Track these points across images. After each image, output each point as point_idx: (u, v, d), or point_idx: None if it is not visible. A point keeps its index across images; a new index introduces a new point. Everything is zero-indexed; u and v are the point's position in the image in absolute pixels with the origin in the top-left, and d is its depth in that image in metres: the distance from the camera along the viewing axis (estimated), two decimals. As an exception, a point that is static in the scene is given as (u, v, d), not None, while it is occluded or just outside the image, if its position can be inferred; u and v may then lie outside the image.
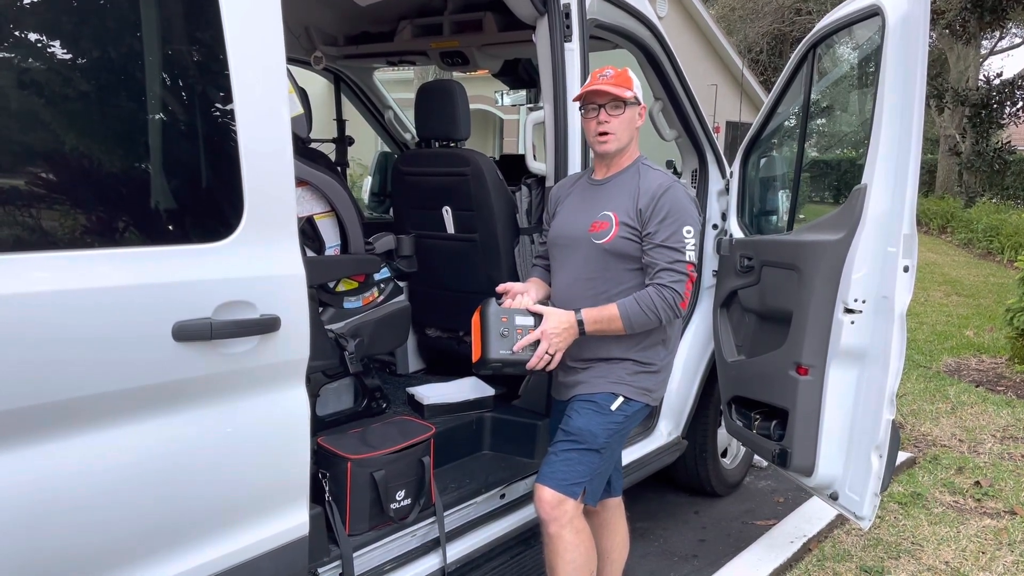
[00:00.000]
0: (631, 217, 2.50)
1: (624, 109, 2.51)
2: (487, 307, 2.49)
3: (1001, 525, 3.84)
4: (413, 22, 3.99)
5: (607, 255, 2.53)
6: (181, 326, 1.71)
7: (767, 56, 25.90)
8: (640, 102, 2.56)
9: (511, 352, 2.45)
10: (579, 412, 2.58)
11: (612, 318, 2.47)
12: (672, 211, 2.47)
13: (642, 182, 2.53)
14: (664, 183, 2.51)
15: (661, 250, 2.47)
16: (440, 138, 3.42)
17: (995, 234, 13.99)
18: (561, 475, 2.53)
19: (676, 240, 2.47)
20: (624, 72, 2.54)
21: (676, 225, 2.47)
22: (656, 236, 2.47)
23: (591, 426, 2.55)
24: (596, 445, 2.55)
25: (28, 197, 1.59)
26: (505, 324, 2.45)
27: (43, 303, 1.54)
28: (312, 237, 2.92)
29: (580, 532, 2.57)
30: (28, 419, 1.55)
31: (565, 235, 2.63)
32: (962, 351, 7.20)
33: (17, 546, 1.57)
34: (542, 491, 2.54)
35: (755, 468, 4.53)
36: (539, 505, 2.56)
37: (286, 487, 2.02)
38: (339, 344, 2.88)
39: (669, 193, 2.49)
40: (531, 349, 2.46)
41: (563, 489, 2.52)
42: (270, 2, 1.86)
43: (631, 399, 2.58)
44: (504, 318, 2.46)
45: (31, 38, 1.59)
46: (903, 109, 2.72)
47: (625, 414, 2.58)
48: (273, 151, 1.88)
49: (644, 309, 2.45)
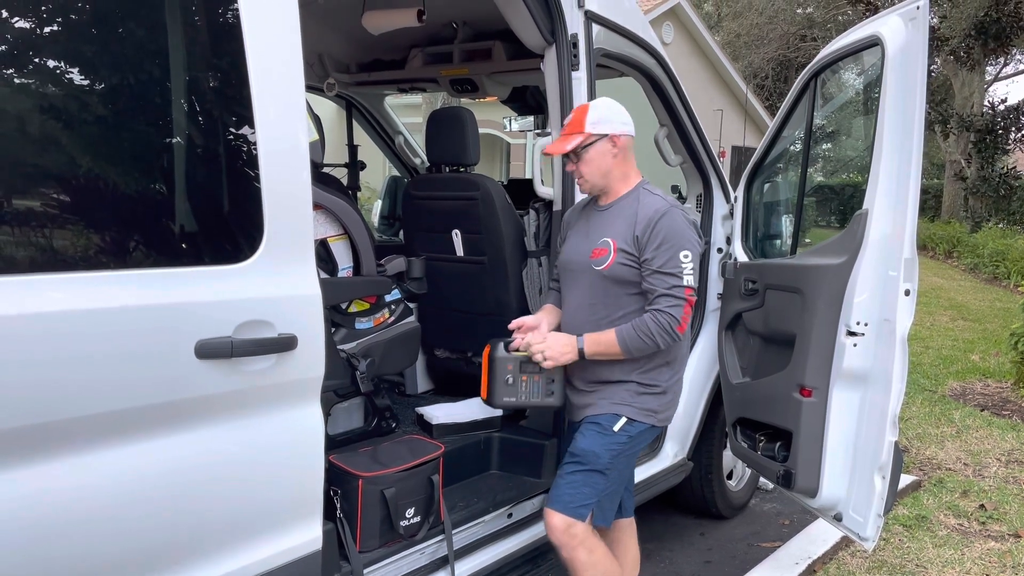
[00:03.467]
0: (628, 243, 2.54)
1: (581, 155, 2.58)
2: (494, 352, 2.60)
3: (1005, 548, 3.85)
4: (424, 50, 4.09)
5: (607, 281, 2.59)
6: (203, 344, 1.77)
7: (772, 81, 26.07)
8: (605, 132, 2.56)
9: (515, 399, 2.60)
10: (584, 434, 2.64)
11: (611, 343, 2.53)
12: (668, 236, 2.50)
13: (640, 208, 2.57)
14: (660, 208, 2.53)
15: (658, 276, 2.50)
16: (450, 163, 3.49)
17: (1001, 259, 13.99)
18: (567, 498, 2.58)
19: (673, 265, 2.49)
20: (577, 115, 2.60)
21: (673, 251, 2.49)
22: (653, 262, 2.50)
23: (594, 447, 2.60)
24: (599, 466, 2.59)
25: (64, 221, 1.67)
26: (511, 372, 2.59)
27: (76, 321, 1.61)
28: (326, 259, 2.99)
29: (594, 551, 2.62)
30: (62, 432, 1.62)
31: (571, 261, 2.71)
32: (967, 375, 7.21)
33: (43, 556, 1.63)
34: (551, 516, 2.60)
35: (761, 490, 4.56)
36: (549, 531, 2.61)
37: (301, 502, 2.07)
38: (351, 364, 2.94)
39: (665, 219, 2.51)
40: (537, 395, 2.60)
41: (570, 512, 2.57)
42: (290, 32, 1.94)
43: (634, 420, 2.62)
44: (510, 366, 2.59)
45: (62, 67, 1.66)
46: (903, 137, 2.78)
47: (628, 435, 2.62)
48: (292, 176, 1.95)
49: (640, 335, 2.50)
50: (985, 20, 18.39)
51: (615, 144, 2.59)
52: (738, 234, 3.75)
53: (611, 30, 3.15)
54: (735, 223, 3.79)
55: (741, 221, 3.75)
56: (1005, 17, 18.31)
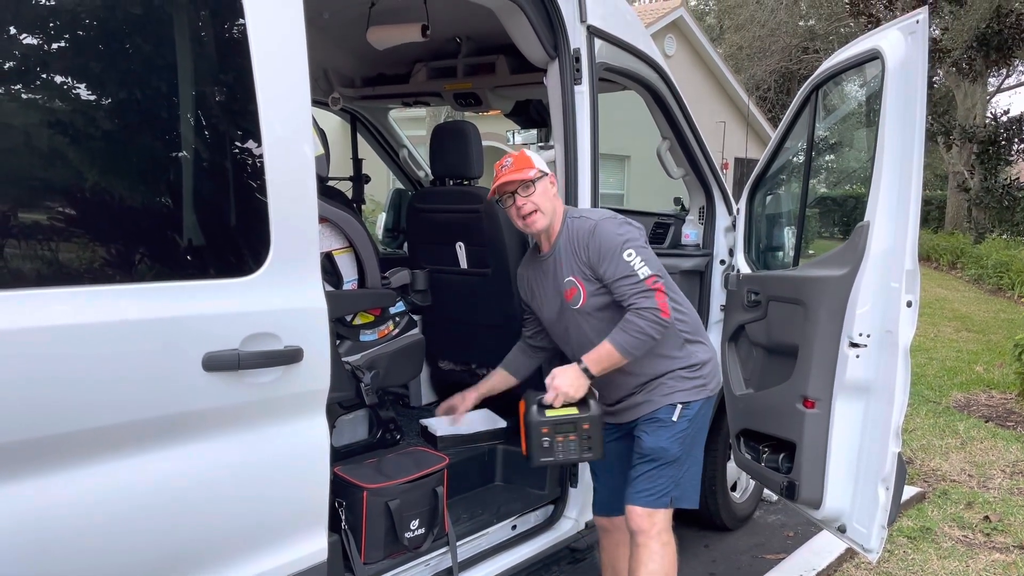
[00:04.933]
0: (587, 273, 2.66)
1: (534, 186, 2.65)
2: (528, 416, 2.64)
3: (1010, 560, 3.84)
4: (428, 65, 4.12)
5: (588, 317, 2.70)
6: (211, 356, 1.79)
7: (775, 93, 26.12)
8: (546, 172, 2.71)
9: (553, 459, 2.64)
10: (647, 432, 2.73)
11: (610, 353, 2.59)
12: (604, 248, 2.60)
13: (575, 236, 2.67)
14: (587, 228, 2.65)
15: (619, 283, 2.59)
16: (454, 177, 3.52)
17: (1005, 270, 13.96)
18: (646, 492, 2.69)
19: (624, 268, 2.58)
20: (521, 155, 2.71)
21: (615, 256, 2.59)
22: (608, 275, 2.61)
23: (661, 442, 2.70)
24: (671, 458, 2.71)
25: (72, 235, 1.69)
26: (546, 435, 2.62)
27: (84, 335, 1.63)
28: (331, 272, 3.00)
29: (667, 545, 2.71)
30: (69, 445, 1.64)
31: (552, 314, 2.80)
32: (972, 387, 7.20)
33: (50, 569, 1.64)
34: (632, 509, 2.70)
35: (765, 502, 4.55)
36: (631, 518, 2.70)
37: (306, 514, 2.08)
38: (355, 376, 2.95)
39: (596, 233, 2.62)
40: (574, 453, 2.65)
41: (652, 503, 2.68)
42: (297, 47, 1.96)
43: (688, 402, 2.73)
44: (545, 429, 2.62)
45: (70, 82, 1.69)
46: (903, 149, 2.79)
47: (688, 418, 2.73)
48: (298, 190, 1.98)
49: (633, 334, 2.57)
50: (987, 32, 18.44)
51: (552, 184, 2.73)
52: (740, 246, 3.76)
53: (613, 44, 3.18)
54: (738, 235, 3.80)
55: (744, 233, 3.77)
56: (1007, 28, 18.36)
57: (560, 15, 2.91)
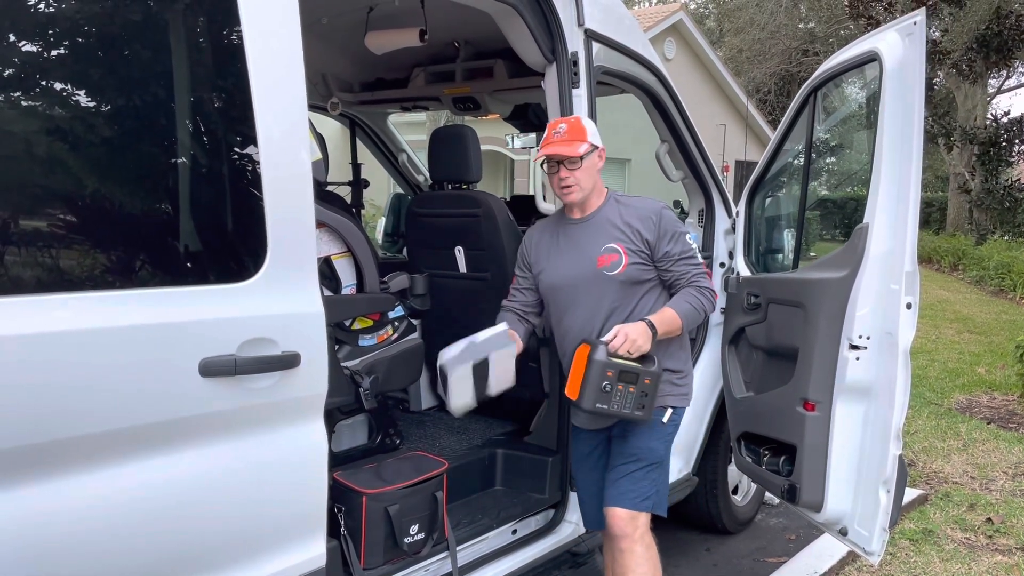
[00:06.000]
0: (636, 245, 2.66)
1: (580, 163, 2.64)
2: (595, 354, 2.50)
3: (1013, 562, 3.83)
4: (426, 69, 4.12)
5: (623, 285, 2.67)
6: (208, 362, 1.79)
7: (775, 96, 26.15)
8: (597, 146, 2.69)
9: (607, 407, 2.52)
10: (634, 432, 2.71)
11: (672, 319, 2.64)
12: (671, 228, 2.70)
13: (635, 211, 2.70)
14: (657, 207, 2.73)
15: (682, 263, 2.69)
16: (453, 181, 3.52)
17: (1007, 271, 13.94)
18: (631, 494, 2.68)
19: (688, 250, 2.72)
20: (576, 124, 2.67)
21: (681, 238, 2.71)
22: (673, 252, 2.69)
23: (650, 442, 2.70)
24: (657, 458, 2.72)
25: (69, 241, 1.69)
26: (610, 379, 2.49)
27: (81, 341, 1.63)
28: (329, 277, 3.01)
29: (650, 547, 2.71)
30: (65, 451, 1.63)
31: (569, 277, 2.72)
32: (974, 388, 7.19)
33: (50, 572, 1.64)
34: (614, 511, 2.68)
35: (767, 505, 4.54)
36: (612, 521, 2.69)
37: (304, 519, 2.08)
38: (354, 381, 2.94)
39: (665, 214, 2.72)
40: (628, 406, 2.53)
41: (635, 506, 2.67)
42: (293, 51, 1.96)
43: (676, 407, 2.77)
44: (610, 372, 2.49)
45: (67, 88, 1.69)
46: (902, 151, 2.79)
47: (675, 423, 2.78)
48: (295, 195, 1.97)
49: (696, 308, 2.67)
50: (987, 33, 18.44)
51: (601, 158, 2.74)
52: (740, 248, 3.76)
53: (611, 48, 3.18)
54: (737, 237, 3.80)
55: (743, 235, 3.77)
56: (1007, 30, 18.36)
57: (558, 19, 2.91)
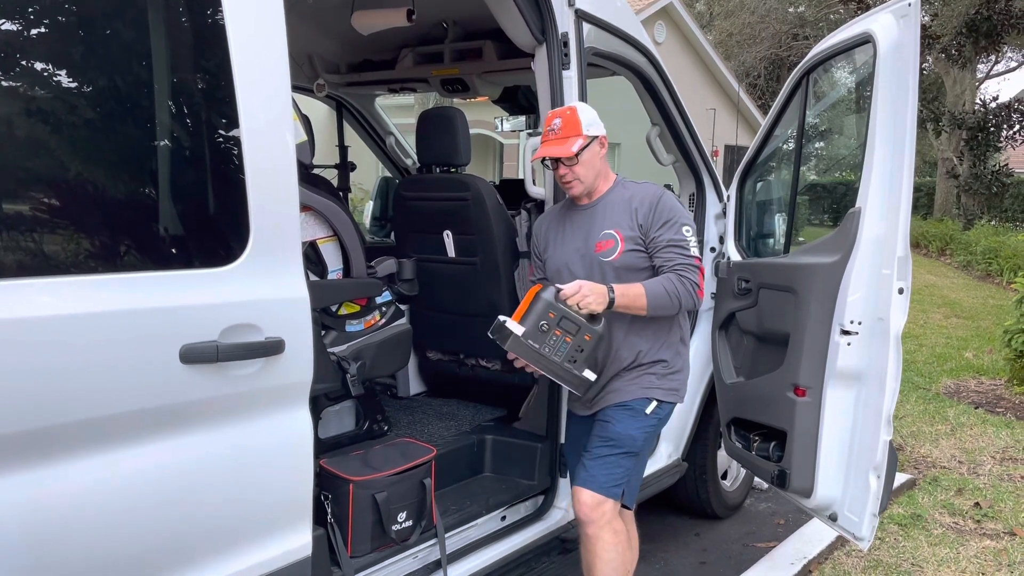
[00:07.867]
0: (633, 230, 2.65)
1: (577, 159, 2.61)
2: (544, 294, 2.48)
3: (1001, 546, 3.85)
4: (414, 50, 4.06)
5: (617, 271, 2.65)
6: (188, 349, 1.75)
7: (765, 80, 26.11)
8: (596, 134, 2.65)
9: (539, 347, 2.45)
10: (616, 419, 2.69)
11: (638, 294, 2.57)
12: (670, 215, 2.65)
13: (635, 196, 2.68)
14: (656, 192, 2.70)
15: (670, 249, 2.63)
16: (441, 164, 3.47)
17: (994, 256, 14.02)
18: (602, 478, 2.64)
19: (680, 238, 2.65)
20: (571, 116, 2.63)
21: (676, 226, 2.65)
22: (661, 238, 2.64)
23: (630, 430, 2.67)
24: (635, 448, 2.68)
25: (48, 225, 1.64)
26: (550, 320, 2.45)
27: (59, 326, 1.59)
28: (315, 261, 2.96)
29: (618, 533, 2.67)
30: (44, 439, 1.59)
31: (570, 261, 2.72)
32: (961, 373, 7.22)
33: (28, 564, 1.60)
34: (581, 493, 2.64)
35: (756, 490, 4.54)
36: (578, 507, 2.66)
37: (290, 508, 2.04)
38: (341, 367, 2.91)
39: (664, 199, 2.68)
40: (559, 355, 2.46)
41: (603, 491, 2.63)
42: (276, 32, 1.91)
43: (663, 401, 2.73)
44: (552, 313, 2.46)
45: (47, 70, 1.64)
46: (895, 135, 2.76)
47: (659, 417, 2.74)
48: (278, 178, 1.93)
49: (668, 291, 2.58)
50: (976, 18, 18.43)
51: (602, 145, 2.71)
52: (731, 233, 3.74)
53: (602, 29, 3.13)
54: (728, 222, 3.77)
55: (734, 220, 3.74)
56: (996, 15, 18.34)
57: (548, -2, 2.86)
